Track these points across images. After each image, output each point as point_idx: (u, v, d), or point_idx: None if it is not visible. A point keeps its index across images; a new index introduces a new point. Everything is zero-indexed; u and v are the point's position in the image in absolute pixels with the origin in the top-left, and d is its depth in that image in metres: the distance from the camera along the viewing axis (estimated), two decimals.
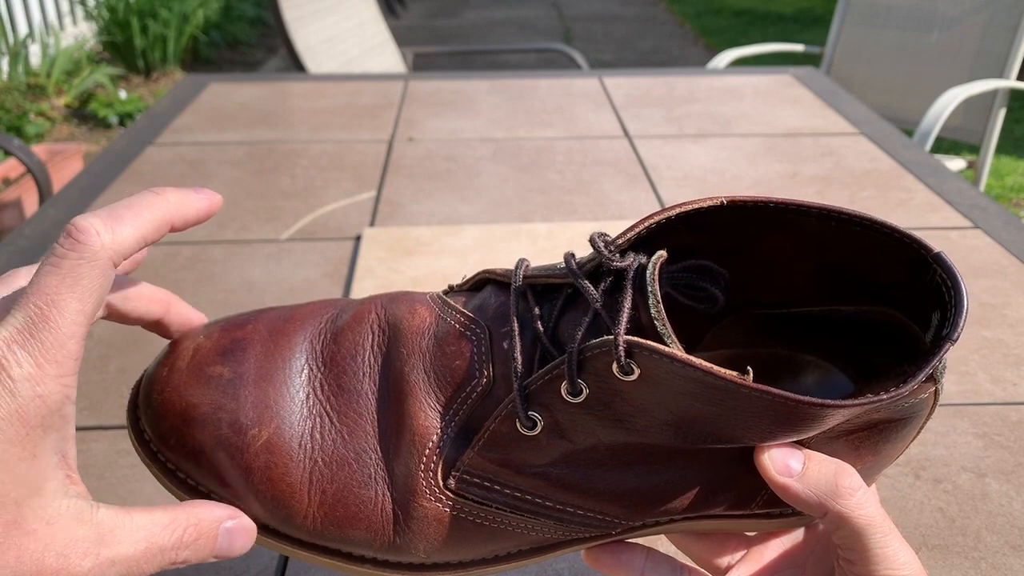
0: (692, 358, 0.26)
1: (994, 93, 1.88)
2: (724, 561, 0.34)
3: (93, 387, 0.60)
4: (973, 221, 0.84)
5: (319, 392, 0.32)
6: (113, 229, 0.27)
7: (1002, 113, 1.92)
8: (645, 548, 0.34)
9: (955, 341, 0.27)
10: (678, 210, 0.30)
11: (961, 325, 0.27)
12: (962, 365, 0.62)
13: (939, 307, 0.28)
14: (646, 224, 0.30)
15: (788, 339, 0.35)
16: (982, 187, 2.16)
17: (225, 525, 0.29)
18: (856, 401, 0.27)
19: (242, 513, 0.30)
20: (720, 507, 0.31)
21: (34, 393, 0.25)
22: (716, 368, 0.26)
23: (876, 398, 0.27)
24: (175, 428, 0.31)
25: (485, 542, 0.32)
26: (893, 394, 0.27)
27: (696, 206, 0.30)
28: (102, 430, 0.55)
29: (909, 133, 1.81)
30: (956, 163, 1.96)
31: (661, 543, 0.45)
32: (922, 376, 0.27)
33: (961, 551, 0.46)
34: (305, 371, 0.32)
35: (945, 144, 2.44)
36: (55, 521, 0.25)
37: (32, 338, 0.25)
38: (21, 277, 0.30)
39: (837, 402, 0.26)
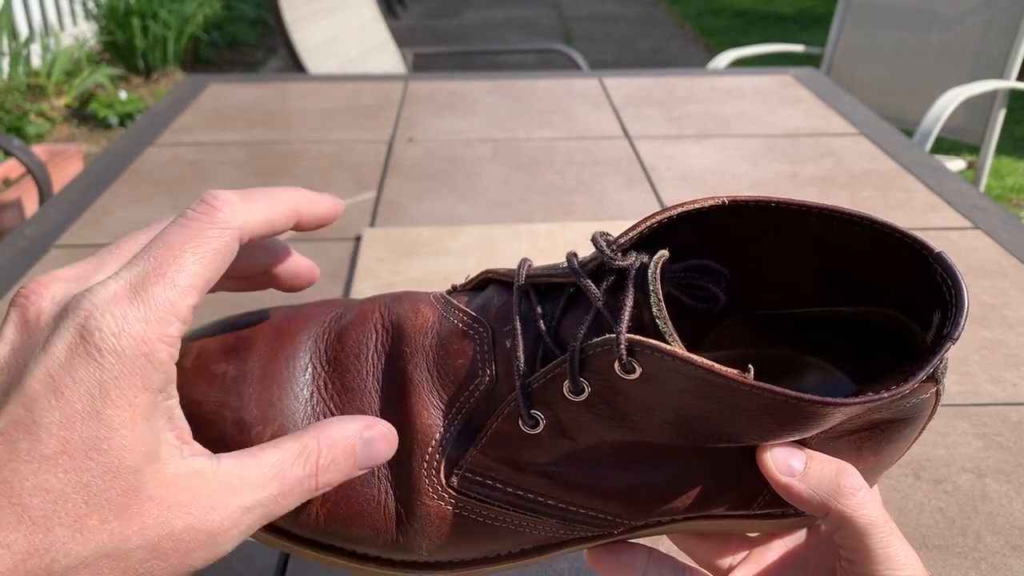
0: (693, 356, 0.26)
1: (994, 93, 1.88)
2: (726, 562, 0.34)
3: None
4: (973, 221, 0.84)
5: (323, 391, 0.32)
6: (247, 205, 0.27)
7: (1002, 113, 1.92)
8: (647, 548, 0.34)
9: (956, 340, 0.27)
10: (680, 210, 0.30)
11: (962, 324, 0.27)
12: (962, 365, 0.62)
13: (940, 307, 0.28)
14: (648, 224, 0.30)
15: (790, 340, 0.35)
16: (982, 187, 2.16)
17: (364, 436, 0.28)
18: (857, 399, 0.27)
19: (378, 420, 0.29)
20: (722, 507, 0.31)
21: (140, 352, 0.23)
22: (717, 366, 0.26)
23: (877, 396, 0.27)
24: None
25: (487, 540, 0.32)
26: (894, 392, 0.27)
27: (697, 206, 0.30)
28: None
29: (909, 133, 1.81)
30: (956, 163, 1.96)
31: (662, 544, 0.45)
32: (923, 375, 0.27)
33: (961, 551, 0.46)
34: (309, 370, 0.32)
35: (945, 144, 2.44)
36: (175, 483, 0.24)
37: (142, 291, 0.24)
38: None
39: (838, 400, 0.27)
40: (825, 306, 0.34)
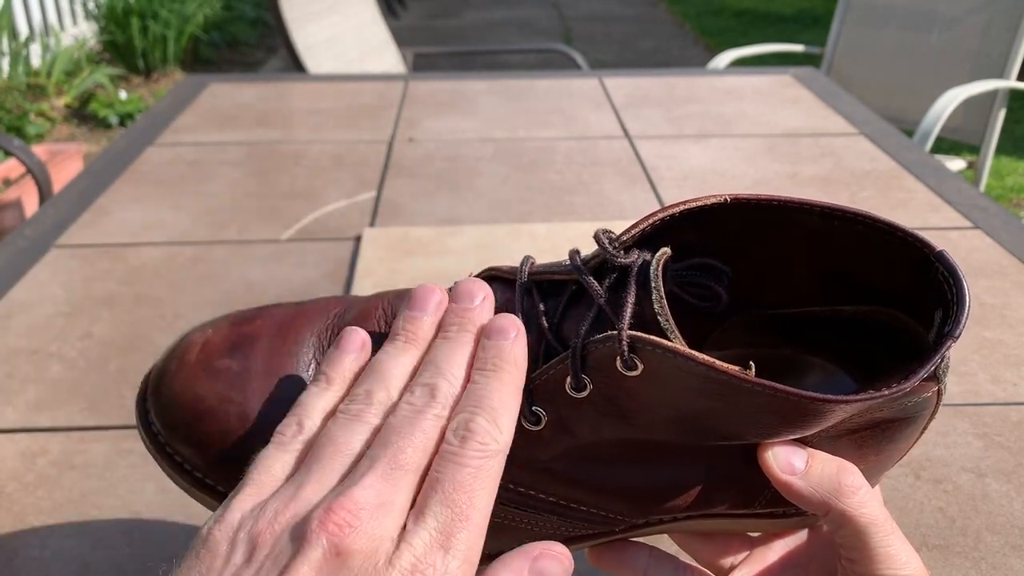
0: (695, 353, 0.26)
1: (994, 93, 1.88)
2: (727, 562, 0.34)
3: (93, 387, 0.60)
4: (973, 221, 0.84)
5: None
6: (499, 425, 0.28)
7: (1002, 113, 1.92)
8: (648, 547, 0.34)
9: (957, 338, 0.27)
10: (682, 207, 0.30)
11: (963, 323, 0.27)
12: (962, 365, 0.62)
13: (941, 305, 0.28)
14: (650, 221, 0.30)
15: (793, 340, 0.35)
16: (982, 187, 2.16)
17: (534, 568, 0.27)
18: (856, 397, 0.27)
19: (541, 544, 0.28)
20: (723, 505, 0.31)
21: None
22: (718, 363, 0.26)
23: (877, 394, 0.27)
24: (183, 420, 0.32)
25: (488, 538, 0.32)
26: (894, 389, 0.27)
27: (700, 204, 0.30)
28: (102, 430, 0.55)
29: (909, 133, 1.81)
30: (956, 163, 1.96)
31: (664, 543, 0.45)
32: (923, 373, 0.27)
33: (961, 551, 0.46)
34: (312, 366, 0.32)
35: (945, 144, 2.44)
36: None
37: (453, 539, 0.25)
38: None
39: (838, 397, 0.27)
40: (827, 305, 0.34)
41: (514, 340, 0.30)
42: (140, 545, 0.47)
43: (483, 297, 0.32)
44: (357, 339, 0.31)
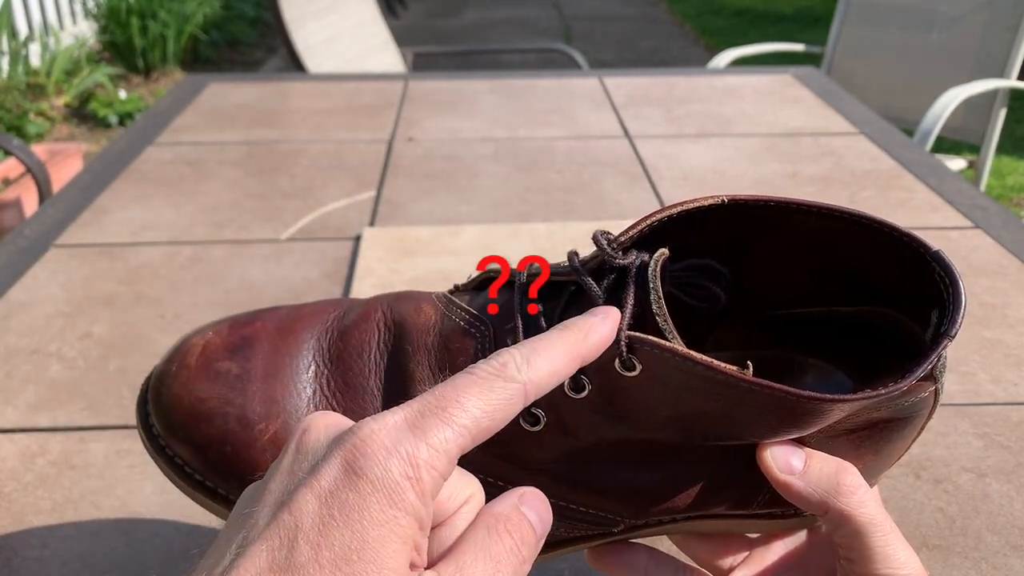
0: (693, 352, 0.26)
1: (994, 93, 1.88)
2: (727, 563, 0.34)
3: (93, 387, 0.60)
4: (973, 221, 0.84)
5: (325, 388, 0.32)
6: (529, 362, 0.27)
7: (1003, 113, 1.92)
8: (648, 548, 0.34)
9: (953, 337, 0.27)
10: (680, 208, 0.30)
11: (959, 322, 0.27)
12: (962, 365, 0.62)
13: (938, 305, 0.29)
14: (648, 222, 0.30)
15: (791, 341, 0.35)
16: (983, 187, 2.16)
17: (525, 500, 0.27)
18: (853, 396, 0.27)
19: (518, 489, 0.27)
20: (721, 506, 0.31)
21: (405, 475, 0.24)
22: (716, 362, 0.26)
23: (874, 393, 0.27)
24: (183, 422, 0.32)
25: None
26: (891, 389, 0.27)
27: (697, 205, 0.30)
28: (102, 430, 0.55)
29: (909, 133, 1.81)
30: (956, 163, 1.96)
31: (663, 544, 0.45)
32: (920, 372, 0.27)
33: (961, 551, 0.46)
34: (312, 368, 0.33)
35: (946, 144, 2.44)
36: None
37: (420, 423, 0.24)
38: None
39: (834, 396, 0.27)
40: (825, 306, 0.34)
41: (602, 318, 0.29)
42: (139, 544, 0.47)
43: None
44: None
